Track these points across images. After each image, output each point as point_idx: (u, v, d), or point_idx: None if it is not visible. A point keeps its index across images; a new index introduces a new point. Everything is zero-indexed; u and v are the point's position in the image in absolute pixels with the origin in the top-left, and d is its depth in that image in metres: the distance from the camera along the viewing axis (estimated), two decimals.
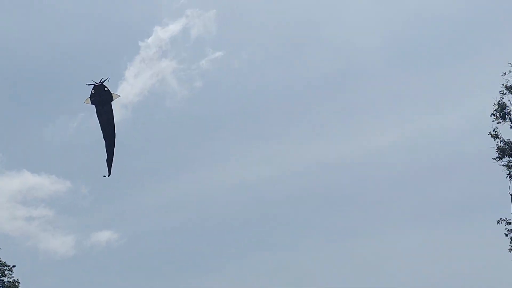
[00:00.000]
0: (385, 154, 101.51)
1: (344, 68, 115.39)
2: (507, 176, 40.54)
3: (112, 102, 22.89)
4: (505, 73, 40.85)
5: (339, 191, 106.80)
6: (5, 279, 50.15)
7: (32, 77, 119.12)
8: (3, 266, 50.33)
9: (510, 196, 40.35)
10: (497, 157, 40.79)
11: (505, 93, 40.92)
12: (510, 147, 40.38)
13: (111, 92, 22.76)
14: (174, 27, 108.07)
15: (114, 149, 23.79)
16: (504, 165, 40.66)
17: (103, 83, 22.54)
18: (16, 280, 50.20)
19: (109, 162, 23.66)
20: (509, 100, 40.85)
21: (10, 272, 50.42)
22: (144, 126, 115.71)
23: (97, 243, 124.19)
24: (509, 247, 40.20)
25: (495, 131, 40.85)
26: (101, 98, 22.52)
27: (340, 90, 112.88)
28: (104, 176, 23.56)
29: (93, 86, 22.64)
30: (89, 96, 22.80)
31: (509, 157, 40.61)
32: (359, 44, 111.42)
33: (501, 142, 40.65)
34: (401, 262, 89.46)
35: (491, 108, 41.01)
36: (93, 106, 22.96)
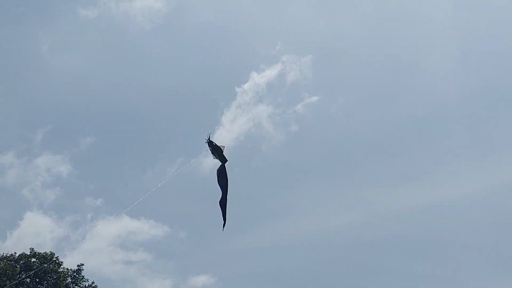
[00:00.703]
0: (480, 199, 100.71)
1: (437, 112, 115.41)
2: None
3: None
4: None
5: (433, 235, 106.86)
6: None
7: (130, 124, 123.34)
8: None
9: None
10: None
11: None
12: None
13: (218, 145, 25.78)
14: (270, 73, 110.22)
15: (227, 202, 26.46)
16: None
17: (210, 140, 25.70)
18: None
19: (224, 214, 26.21)
20: None
21: None
22: (241, 171, 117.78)
23: (194, 287, 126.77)
24: None
25: None
26: (219, 158, 25.49)
27: (433, 133, 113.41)
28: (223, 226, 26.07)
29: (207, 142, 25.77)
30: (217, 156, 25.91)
31: None
32: (450, 90, 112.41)
33: None
34: None
35: None
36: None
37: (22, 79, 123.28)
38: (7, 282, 48.35)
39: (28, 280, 50.49)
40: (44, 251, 52.08)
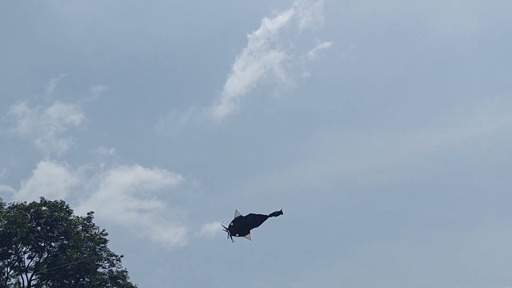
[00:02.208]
0: (490, 141, 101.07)
1: (448, 57, 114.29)
2: None
3: None
4: None
5: (444, 179, 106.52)
6: (114, 269, 52.06)
7: (142, 73, 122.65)
8: (112, 256, 52.40)
9: None
10: None
11: None
12: None
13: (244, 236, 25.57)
14: (282, 18, 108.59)
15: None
16: None
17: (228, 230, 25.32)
18: (124, 269, 52.07)
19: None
20: None
21: (118, 262, 52.32)
22: (253, 119, 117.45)
23: (208, 234, 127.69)
24: None
25: None
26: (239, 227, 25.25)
27: (444, 78, 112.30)
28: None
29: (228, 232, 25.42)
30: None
31: None
32: (463, 34, 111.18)
33: None
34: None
35: None
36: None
37: (33, 29, 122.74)
38: (18, 230, 48.69)
39: (39, 228, 50.77)
40: (54, 200, 52.10)
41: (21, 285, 51.56)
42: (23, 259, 50.98)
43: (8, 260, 50.77)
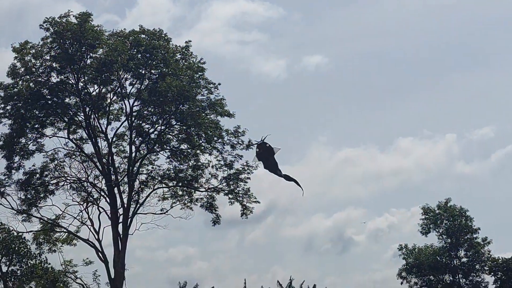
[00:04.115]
0: None
1: None
2: None
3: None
4: None
5: None
6: (212, 96, 52.78)
7: None
8: (210, 84, 53.06)
9: None
10: None
11: None
12: None
13: (272, 147, 23.88)
14: None
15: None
16: None
17: (264, 141, 23.58)
18: (222, 97, 52.74)
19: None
20: None
21: (216, 89, 52.96)
22: None
23: (308, 67, 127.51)
24: None
25: None
26: (265, 154, 23.56)
27: None
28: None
29: (256, 144, 23.73)
30: (255, 154, 23.99)
31: None
32: None
33: None
34: None
35: None
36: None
37: None
38: (119, 58, 49.57)
39: (139, 55, 51.47)
40: (153, 28, 52.26)
41: (124, 111, 53.45)
42: (125, 86, 52.29)
43: (111, 86, 52.12)
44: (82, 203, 54.11)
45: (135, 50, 50.90)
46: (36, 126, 51.98)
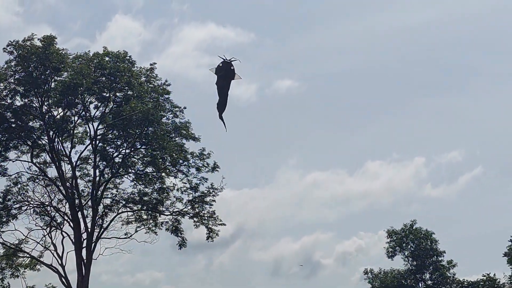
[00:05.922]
0: None
1: None
2: None
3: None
4: None
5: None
6: (177, 120, 52.79)
7: None
8: (175, 108, 53.07)
9: None
10: None
11: None
12: None
13: (235, 72, 23.97)
14: None
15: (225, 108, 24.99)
16: None
17: (232, 62, 23.66)
18: (187, 121, 52.79)
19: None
20: None
21: (181, 112, 53.00)
22: None
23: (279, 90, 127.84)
24: None
25: None
26: (225, 73, 23.66)
27: None
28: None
29: (223, 60, 23.82)
30: (216, 67, 24.04)
31: None
32: None
33: None
34: None
35: None
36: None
37: None
38: (83, 81, 49.43)
39: (103, 78, 51.36)
40: (117, 50, 52.19)
41: (88, 134, 53.16)
42: (89, 109, 52.07)
43: (75, 109, 51.86)
44: (45, 227, 53.57)
45: (100, 73, 50.80)
46: None
